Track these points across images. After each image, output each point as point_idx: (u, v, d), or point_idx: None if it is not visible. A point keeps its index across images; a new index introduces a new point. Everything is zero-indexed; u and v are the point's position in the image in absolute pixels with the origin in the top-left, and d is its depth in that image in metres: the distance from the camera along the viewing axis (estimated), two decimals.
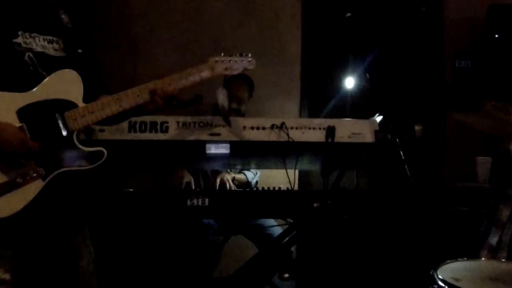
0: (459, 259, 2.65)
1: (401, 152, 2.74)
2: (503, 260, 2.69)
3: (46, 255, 2.38)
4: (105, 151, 2.37)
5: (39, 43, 2.32)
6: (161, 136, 3.20)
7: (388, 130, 3.12)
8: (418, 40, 5.34)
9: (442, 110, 5.07)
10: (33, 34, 2.31)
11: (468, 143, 4.92)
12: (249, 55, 2.76)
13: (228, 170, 4.41)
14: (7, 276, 2.20)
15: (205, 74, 2.64)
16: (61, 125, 2.29)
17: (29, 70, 2.28)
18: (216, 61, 2.67)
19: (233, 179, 4.36)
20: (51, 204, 2.32)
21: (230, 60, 2.71)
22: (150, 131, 3.19)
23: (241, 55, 2.75)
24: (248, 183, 4.51)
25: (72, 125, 2.31)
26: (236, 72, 2.74)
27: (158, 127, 3.20)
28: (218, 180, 4.19)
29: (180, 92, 2.61)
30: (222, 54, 2.71)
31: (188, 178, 4.14)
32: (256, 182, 4.61)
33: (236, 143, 3.25)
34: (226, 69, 2.69)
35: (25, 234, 2.28)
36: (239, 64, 2.73)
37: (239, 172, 4.52)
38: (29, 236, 2.30)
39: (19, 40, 2.26)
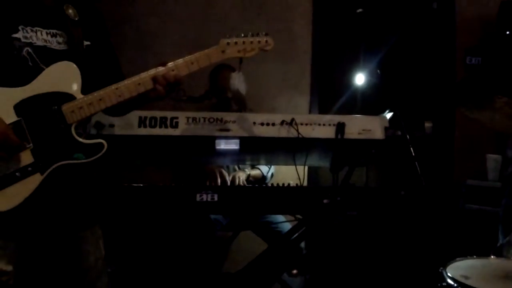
0: (469, 257, 2.64)
1: (411, 149, 2.73)
2: None
3: (50, 249, 2.36)
4: (105, 143, 2.29)
5: (41, 37, 2.29)
6: (171, 132, 3.20)
7: (398, 127, 3.11)
8: (429, 37, 5.32)
9: (452, 107, 5.05)
10: (35, 28, 2.28)
11: (479, 140, 4.91)
12: (264, 33, 2.57)
13: (243, 168, 4.43)
14: (9, 268, 2.19)
15: (215, 57, 2.49)
16: (58, 118, 2.27)
17: (28, 65, 2.25)
18: (228, 44, 2.52)
19: (248, 177, 4.36)
20: (52, 197, 2.29)
21: (244, 41, 2.53)
22: (160, 127, 3.19)
23: (255, 35, 2.55)
24: (263, 177, 4.51)
25: (70, 117, 2.26)
26: (251, 55, 2.55)
27: (168, 122, 3.20)
28: (229, 178, 4.17)
29: (192, 86, 2.54)
30: (235, 35, 2.54)
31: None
32: (272, 174, 4.60)
33: (245, 139, 3.25)
34: (239, 51, 2.52)
35: (27, 227, 2.26)
36: (255, 45, 2.54)
37: (253, 167, 4.52)
38: (31, 229, 2.29)
39: (19, 35, 2.24)
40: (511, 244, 3.05)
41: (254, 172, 4.47)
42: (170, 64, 2.42)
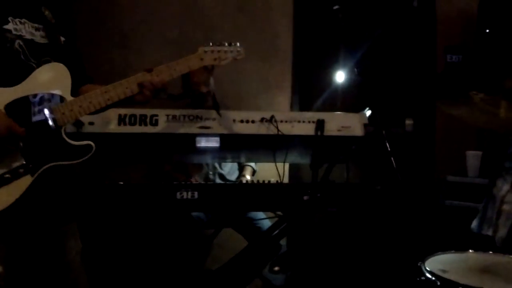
0: (447, 251, 2.66)
1: (387, 144, 2.75)
2: (491, 252, 2.70)
3: (37, 247, 2.38)
4: (93, 145, 2.35)
5: (28, 30, 2.32)
6: (150, 129, 3.20)
7: (375, 123, 3.13)
8: (410, 34, 5.34)
9: (432, 104, 5.08)
10: (23, 20, 2.30)
11: (460, 137, 4.93)
12: (238, 44, 2.76)
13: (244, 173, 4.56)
14: None
15: (194, 64, 2.64)
16: (49, 120, 2.28)
17: (20, 59, 2.27)
18: (206, 52, 2.67)
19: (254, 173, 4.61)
20: (41, 198, 2.31)
21: (219, 50, 2.70)
22: (140, 124, 3.19)
23: (230, 44, 2.74)
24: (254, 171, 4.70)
25: (60, 119, 2.31)
26: (225, 62, 2.73)
27: (148, 120, 3.20)
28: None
29: (170, 85, 2.60)
30: (211, 44, 2.71)
31: None
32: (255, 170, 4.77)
33: (226, 136, 3.26)
34: (215, 59, 2.69)
35: (16, 228, 2.27)
36: (228, 54, 2.73)
37: (244, 165, 4.64)
38: (20, 229, 2.30)
39: (10, 26, 2.25)
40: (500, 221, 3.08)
41: (250, 170, 4.63)
42: (155, 70, 2.51)
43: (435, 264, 2.45)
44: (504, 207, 3.09)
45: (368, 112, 3.33)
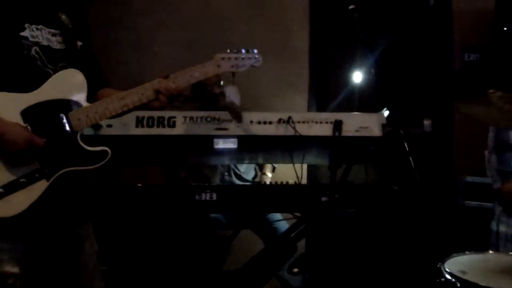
0: (467, 252, 2.65)
1: (406, 145, 2.73)
2: (511, 253, 2.68)
3: (53, 248, 2.39)
4: (109, 150, 2.35)
5: (45, 36, 2.33)
6: (168, 131, 3.20)
7: (394, 124, 3.11)
8: (426, 33, 5.32)
9: (450, 104, 5.05)
10: (39, 26, 2.31)
11: (478, 137, 4.90)
12: (255, 51, 2.72)
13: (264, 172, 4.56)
14: (15, 270, 2.22)
15: (211, 71, 2.61)
16: (65, 125, 2.30)
17: (37, 65, 2.28)
18: (223, 58, 2.64)
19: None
20: (56, 201, 2.32)
21: (237, 57, 2.67)
22: (158, 126, 3.19)
23: (247, 51, 2.70)
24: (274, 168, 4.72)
25: (76, 124, 2.32)
26: (242, 69, 2.70)
27: (166, 122, 3.20)
28: None
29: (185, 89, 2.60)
30: (228, 50, 2.67)
31: None
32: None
33: (243, 138, 3.25)
34: (232, 66, 2.66)
35: (32, 230, 2.29)
36: (246, 61, 2.69)
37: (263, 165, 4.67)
38: (36, 231, 2.31)
39: (26, 33, 2.26)
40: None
41: (270, 167, 4.67)
42: (171, 77, 2.49)
43: (454, 265, 2.44)
44: None
45: (386, 112, 3.31)
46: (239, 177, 4.59)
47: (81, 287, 2.47)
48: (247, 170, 4.68)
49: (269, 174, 4.59)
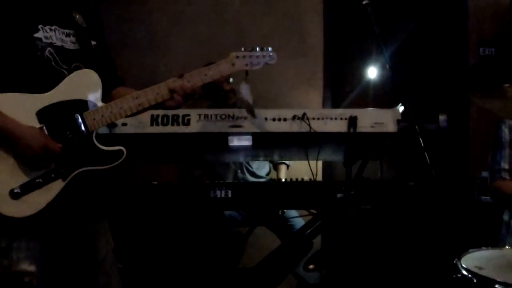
0: (483, 247, 2.64)
1: (421, 140, 2.71)
2: None
3: (70, 246, 2.40)
4: (124, 150, 2.36)
5: (59, 37, 2.33)
6: (183, 129, 3.21)
7: (409, 119, 3.10)
8: (442, 28, 5.30)
9: (466, 99, 5.02)
10: (53, 27, 2.32)
11: (494, 132, 4.87)
12: (270, 49, 2.69)
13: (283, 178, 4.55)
14: (32, 268, 2.23)
15: (225, 70, 2.59)
16: (80, 125, 2.31)
17: (51, 66, 2.29)
18: (237, 57, 2.61)
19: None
20: (73, 200, 2.34)
21: (251, 56, 2.64)
22: (172, 124, 3.21)
23: (262, 49, 2.67)
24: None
25: (92, 125, 2.33)
26: (256, 68, 2.67)
27: (180, 120, 3.21)
28: None
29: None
30: (243, 49, 2.65)
31: None
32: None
33: (258, 135, 3.25)
34: (246, 64, 2.63)
35: (49, 228, 2.30)
36: (260, 59, 2.66)
37: (278, 164, 4.67)
38: (53, 230, 2.32)
39: (40, 34, 2.27)
40: None
41: (284, 170, 4.67)
42: (185, 76, 2.48)
43: (471, 261, 2.43)
44: None
45: (401, 108, 3.30)
46: (252, 173, 4.59)
47: (98, 284, 2.47)
48: (259, 167, 4.68)
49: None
